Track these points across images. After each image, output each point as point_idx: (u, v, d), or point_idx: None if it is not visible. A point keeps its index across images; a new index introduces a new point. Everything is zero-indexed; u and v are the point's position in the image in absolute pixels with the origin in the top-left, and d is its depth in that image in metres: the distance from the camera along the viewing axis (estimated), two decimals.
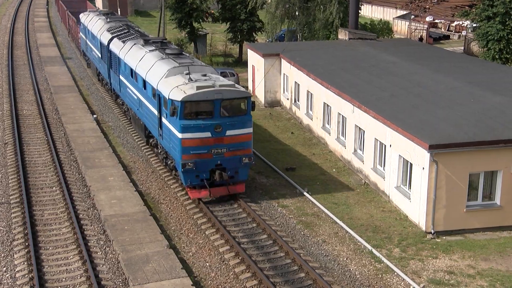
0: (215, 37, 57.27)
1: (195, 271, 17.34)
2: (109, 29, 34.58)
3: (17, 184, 22.91)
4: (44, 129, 29.83)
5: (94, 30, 37.70)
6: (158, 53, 25.78)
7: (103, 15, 40.58)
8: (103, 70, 35.73)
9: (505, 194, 19.83)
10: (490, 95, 24.50)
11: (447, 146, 19.09)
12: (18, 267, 17.12)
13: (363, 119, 23.93)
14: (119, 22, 37.32)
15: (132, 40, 29.82)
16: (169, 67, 23.21)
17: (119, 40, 31.21)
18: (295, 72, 32.48)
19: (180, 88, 21.05)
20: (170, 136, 21.55)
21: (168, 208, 21.46)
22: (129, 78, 27.90)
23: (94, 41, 38.23)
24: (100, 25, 37.34)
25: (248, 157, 21.22)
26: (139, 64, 25.99)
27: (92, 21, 40.17)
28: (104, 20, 37.90)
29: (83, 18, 43.38)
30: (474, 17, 40.22)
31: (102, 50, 34.96)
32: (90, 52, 41.34)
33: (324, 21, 45.94)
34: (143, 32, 34.91)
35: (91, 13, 43.20)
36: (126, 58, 28.19)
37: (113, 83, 33.02)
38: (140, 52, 27.21)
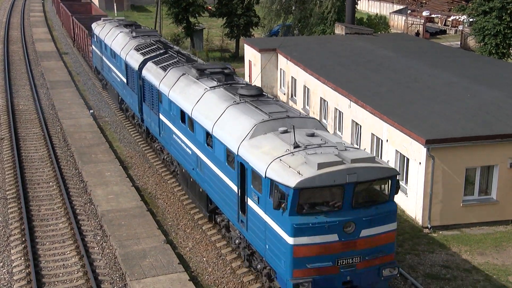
0: (211, 32, 57.18)
1: (192, 266, 17.36)
2: (138, 48, 27.28)
3: (14, 180, 22.87)
4: (41, 125, 29.77)
5: (115, 46, 30.16)
6: (225, 93, 18.47)
7: (125, 26, 32.98)
8: (130, 100, 28.07)
9: (501, 189, 19.90)
10: (486, 90, 24.55)
11: (444, 141, 19.13)
12: (15, 263, 17.11)
13: (359, 114, 23.95)
14: (148, 37, 29.56)
15: (176, 67, 22.46)
16: (255, 121, 15.74)
17: (156, 65, 23.81)
18: (292, 67, 32.47)
19: (285, 162, 13.64)
20: (266, 234, 14.28)
21: (165, 204, 21.46)
22: (179, 123, 20.45)
23: (115, 61, 30.62)
24: (123, 40, 29.79)
25: (390, 267, 14.05)
26: (198, 108, 18.68)
27: (110, 34, 32.42)
28: (128, 34, 30.33)
29: (97, 29, 35.27)
30: (471, 11, 40.23)
31: (129, 75, 27.53)
32: (108, 72, 33.34)
33: (320, 15, 45.99)
34: (188, 54, 26.18)
35: (108, 23, 34.93)
36: (172, 94, 20.85)
37: (146, 121, 25.39)
38: (195, 88, 19.78)
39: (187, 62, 23.13)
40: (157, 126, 23.54)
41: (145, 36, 29.71)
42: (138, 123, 27.86)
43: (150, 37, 29.69)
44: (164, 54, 25.33)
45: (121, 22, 34.72)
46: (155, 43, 27.55)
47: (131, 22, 35.13)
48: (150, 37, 29.69)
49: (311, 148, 14.02)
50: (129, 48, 27.96)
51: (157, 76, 22.87)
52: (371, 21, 51.89)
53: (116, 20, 35.86)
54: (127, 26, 32.88)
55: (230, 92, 18.41)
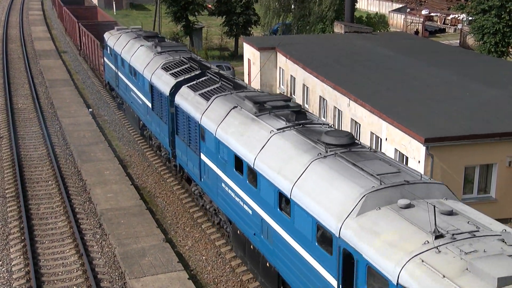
0: (210, 31, 57.14)
1: (191, 265, 17.36)
2: (167, 67, 23.12)
3: (13, 178, 22.86)
4: (40, 123, 29.75)
5: (136, 63, 25.88)
6: (301, 139, 13.96)
7: (146, 39, 28.25)
8: (157, 129, 23.65)
9: (500, 187, 19.91)
10: (485, 88, 24.56)
11: (443, 140, 19.13)
12: (14, 261, 17.11)
13: (359, 113, 23.95)
14: (175, 53, 25.04)
15: (223, 96, 18.12)
16: (362, 189, 11.35)
17: (194, 92, 19.56)
18: (291, 66, 32.46)
19: (431, 265, 9.07)
20: None
21: (164, 202, 21.46)
22: (232, 171, 16.06)
23: (135, 80, 26.23)
24: (146, 56, 25.39)
25: None
26: (263, 157, 14.34)
27: (129, 48, 27.97)
28: (151, 49, 25.81)
29: (111, 40, 30.99)
30: (470, 10, 40.22)
31: (155, 99, 23.29)
32: (125, 91, 28.82)
33: (319, 14, 46.01)
34: (232, 78, 21.40)
35: (124, 34, 30.42)
36: (222, 133, 16.54)
37: (180, 158, 21.15)
38: (255, 129, 15.34)
39: (234, 89, 18.67)
40: (197, 168, 19.06)
41: (172, 52, 25.20)
42: (167, 157, 23.38)
43: (178, 53, 25.13)
44: (201, 76, 21.22)
45: (140, 33, 30.13)
46: (186, 61, 23.24)
47: (152, 33, 30.37)
48: (178, 53, 25.13)
49: (463, 239, 9.51)
50: (155, 66, 23.76)
51: (197, 106, 18.66)
52: (370, 20, 51.88)
53: (133, 30, 31.34)
54: (148, 39, 28.16)
55: (308, 137, 13.88)
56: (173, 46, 26.50)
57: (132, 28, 33.09)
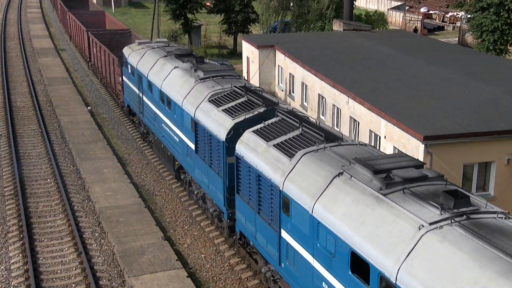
0: (209, 29, 57.11)
1: (190, 263, 17.38)
2: (217, 100, 18.10)
3: (11, 176, 22.85)
4: (38, 121, 29.73)
5: (171, 90, 20.94)
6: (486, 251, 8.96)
7: (179, 58, 22.88)
8: (204, 179, 18.60)
9: (498, 185, 19.93)
10: (484, 86, 24.58)
11: (442, 138, 19.14)
12: (13, 259, 17.11)
13: (357, 111, 23.96)
14: (222, 79, 19.96)
15: (314, 152, 13.37)
16: None
17: (266, 142, 14.69)
18: (290, 64, 32.45)
19: None
20: None
21: (163, 200, 21.47)
22: (347, 276, 11.15)
23: (170, 111, 21.20)
24: (184, 82, 20.43)
25: None
26: (415, 268, 9.44)
27: (158, 69, 22.88)
28: (189, 73, 20.75)
29: (133, 58, 25.74)
30: (469, 8, 40.29)
31: (201, 139, 18.36)
32: (153, 121, 23.75)
33: (318, 12, 46.02)
34: (317, 122, 15.63)
35: (150, 51, 25.09)
36: (325, 215, 11.76)
37: (245, 226, 16.03)
38: (392, 219, 10.39)
39: (326, 141, 13.62)
40: (273, 248, 14.17)
41: (219, 78, 20.01)
42: (217, 215, 18.42)
43: (226, 79, 19.91)
44: (268, 115, 16.13)
45: (169, 49, 24.77)
46: (242, 92, 18.10)
47: (186, 51, 24.25)
48: (226, 79, 19.91)
49: None
50: (199, 97, 18.88)
51: (274, 165, 13.88)
52: (369, 18, 51.86)
53: (159, 45, 26.07)
54: (182, 58, 22.69)
55: (494, 245, 8.98)
56: (218, 70, 20.66)
57: (157, 41, 27.72)
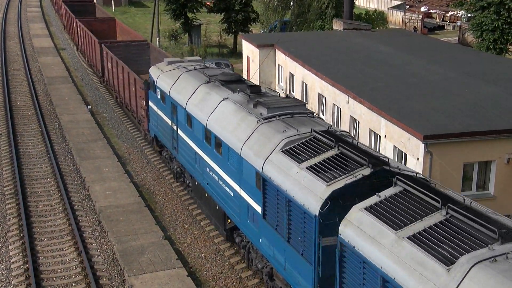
0: (209, 28, 57.10)
1: (190, 262, 17.38)
2: (295, 153, 13.64)
3: (12, 176, 22.85)
4: (38, 120, 29.73)
5: (222, 130, 16.50)
6: None
7: (227, 85, 18.28)
8: (276, 255, 14.07)
9: (498, 184, 19.93)
10: (484, 85, 24.58)
11: (442, 137, 19.14)
12: (13, 258, 17.11)
13: (357, 110, 23.95)
14: (292, 119, 15.28)
15: (491, 263, 8.59)
16: None
17: (393, 231, 10.21)
18: (290, 63, 32.44)
19: None
20: None
21: (163, 199, 21.47)
22: None
23: (221, 157, 16.63)
24: (240, 121, 15.94)
25: None
26: None
27: (201, 100, 18.30)
28: (247, 109, 16.20)
29: (163, 81, 21.36)
30: (469, 7, 40.29)
31: (272, 202, 13.88)
32: (195, 164, 18.94)
33: (318, 11, 46.02)
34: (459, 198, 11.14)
35: (186, 75, 20.43)
36: None
37: None
38: None
39: (503, 239, 9.17)
40: None
41: (288, 117, 15.22)
42: None
43: (296, 118, 15.22)
44: (378, 178, 12.06)
45: (209, 71, 20.28)
46: (329, 141, 13.43)
47: (233, 76, 19.26)
48: (296, 118, 15.22)
49: None
50: (267, 145, 14.23)
51: (419, 274, 9.36)
52: (369, 17, 51.88)
53: (195, 66, 21.42)
54: (231, 86, 18.05)
55: None
56: (286, 106, 15.70)
57: (190, 60, 22.95)
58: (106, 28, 45.41)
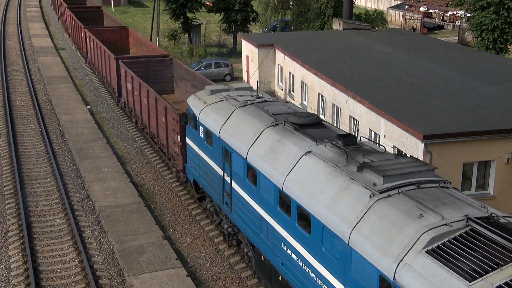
0: (209, 28, 57.08)
1: (190, 262, 17.38)
2: (448, 254, 9.31)
3: (11, 175, 22.84)
4: (38, 120, 29.71)
5: (304, 197, 12.53)
6: None
7: (301, 130, 14.27)
8: None
9: (498, 184, 19.94)
10: (484, 85, 24.59)
11: (441, 137, 19.14)
12: (13, 258, 17.11)
13: (357, 110, 23.95)
14: (418, 190, 11.18)
15: None
16: None
17: None
18: (289, 63, 32.45)
19: None
20: None
21: (163, 199, 21.46)
22: None
23: (312, 239, 12.33)
24: (338, 190, 11.84)
25: None
26: None
27: (266, 148, 14.50)
28: (345, 171, 12.04)
29: (208, 117, 17.49)
30: (468, 6, 40.27)
31: None
32: (262, 235, 14.79)
33: (317, 11, 46.04)
34: None
35: (241, 111, 16.51)
36: None
37: None
38: None
39: None
40: None
41: (412, 189, 11.33)
42: None
43: (425, 190, 11.36)
44: None
45: (271, 108, 16.09)
46: (500, 235, 9.58)
47: (310, 118, 14.88)
48: (425, 190, 11.36)
49: None
50: (399, 241, 10.17)
51: None
52: (368, 17, 51.90)
53: (249, 98, 17.29)
54: (309, 131, 14.10)
55: None
56: (405, 170, 11.77)
57: (237, 88, 18.67)
58: (118, 38, 40.64)
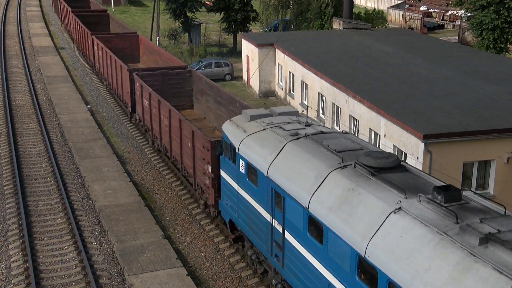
0: (209, 27, 57.06)
1: (190, 261, 17.38)
2: None
3: (11, 175, 22.84)
4: (38, 120, 29.71)
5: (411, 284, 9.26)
6: None
7: (379, 175, 11.34)
8: None
9: (498, 183, 19.95)
10: (484, 84, 24.60)
11: (441, 136, 19.16)
12: (13, 258, 17.11)
13: (357, 109, 23.96)
14: None
15: None
16: None
17: None
18: (290, 62, 32.45)
19: None
20: None
21: (163, 199, 21.46)
22: None
23: None
24: (459, 274, 8.69)
25: None
26: None
27: (336, 200, 11.55)
28: (462, 245, 8.99)
29: (252, 150, 14.99)
30: (469, 6, 40.26)
31: None
32: None
33: (318, 10, 46.04)
34: None
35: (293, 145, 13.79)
36: None
37: None
38: None
39: None
40: None
41: None
42: None
43: None
44: None
45: (331, 143, 13.46)
46: None
47: (390, 160, 12.01)
48: None
49: None
50: None
51: None
52: (368, 16, 51.88)
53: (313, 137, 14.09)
54: (393, 178, 11.42)
55: None
56: None
57: (280, 113, 16.47)
58: (127, 46, 37.30)
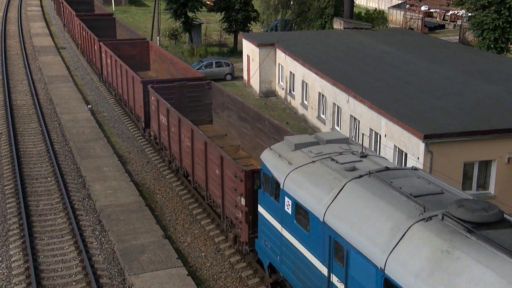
0: (210, 27, 57.08)
1: (190, 261, 17.38)
2: None
3: (12, 175, 22.85)
4: (39, 120, 29.72)
5: None
6: None
7: (477, 231, 9.29)
8: None
9: (499, 184, 19.94)
10: (484, 84, 24.59)
11: (442, 136, 19.14)
12: (14, 257, 17.12)
13: (358, 109, 23.95)
14: None
15: None
16: None
17: None
18: (290, 62, 32.44)
19: None
20: None
21: (164, 199, 21.47)
22: None
23: None
24: None
25: None
26: None
27: (423, 263, 9.36)
28: None
29: (299, 187, 12.96)
30: (469, 6, 40.22)
31: None
32: None
33: (318, 10, 46.02)
34: None
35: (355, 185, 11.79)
36: None
37: None
38: None
39: None
40: None
41: None
42: None
43: None
44: None
45: (404, 185, 11.35)
46: None
47: (495, 213, 9.82)
48: None
49: None
50: None
51: None
52: (369, 16, 51.87)
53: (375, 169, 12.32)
54: (497, 236, 9.33)
55: None
56: None
57: (328, 140, 14.51)
58: (137, 53, 35.10)
